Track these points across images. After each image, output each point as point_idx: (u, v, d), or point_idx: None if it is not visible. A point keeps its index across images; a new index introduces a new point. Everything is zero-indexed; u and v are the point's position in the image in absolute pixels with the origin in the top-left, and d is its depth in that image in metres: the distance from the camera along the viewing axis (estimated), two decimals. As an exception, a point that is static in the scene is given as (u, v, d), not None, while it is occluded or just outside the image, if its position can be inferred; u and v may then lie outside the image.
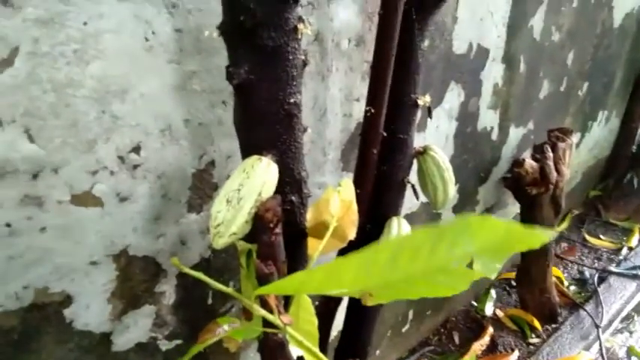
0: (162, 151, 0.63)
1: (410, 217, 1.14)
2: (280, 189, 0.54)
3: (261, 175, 0.50)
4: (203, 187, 0.70)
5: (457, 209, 1.31)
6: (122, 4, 0.54)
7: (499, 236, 0.22)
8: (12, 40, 0.48)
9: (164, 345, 0.75)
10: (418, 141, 1.03)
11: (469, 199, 1.35)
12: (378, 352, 1.28)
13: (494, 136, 1.31)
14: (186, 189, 0.68)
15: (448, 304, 1.52)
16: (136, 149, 0.61)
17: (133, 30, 0.55)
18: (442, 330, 1.51)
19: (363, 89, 0.87)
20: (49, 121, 0.53)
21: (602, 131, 1.97)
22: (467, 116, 1.16)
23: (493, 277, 0.21)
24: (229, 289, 0.47)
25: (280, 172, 0.54)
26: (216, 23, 0.51)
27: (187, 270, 0.46)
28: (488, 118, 1.24)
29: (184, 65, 0.61)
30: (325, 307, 0.83)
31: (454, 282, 0.24)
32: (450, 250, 0.23)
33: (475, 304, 1.60)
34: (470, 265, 0.26)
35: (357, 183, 0.74)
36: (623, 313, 1.64)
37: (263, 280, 0.50)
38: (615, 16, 1.58)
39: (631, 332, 1.57)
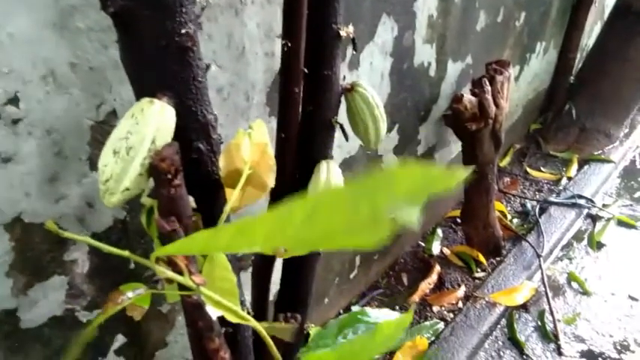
0: (48, 101, 0.55)
1: (349, 161, 1.09)
2: (184, 136, 0.48)
3: (153, 121, 0.43)
4: (105, 140, 0.62)
5: (398, 150, 1.28)
6: None
7: (417, 180, 0.20)
8: None
9: (84, 316, 0.69)
10: (352, 79, 0.98)
11: (410, 140, 1.32)
12: (326, 300, 1.27)
13: (432, 72, 1.27)
14: (85, 144, 0.61)
15: (396, 247, 1.51)
16: (13, 100, 0.52)
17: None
18: (391, 272, 1.51)
19: (284, 24, 0.79)
20: None
21: (540, 63, 1.97)
22: (402, 52, 1.11)
23: (415, 221, 0.19)
24: (125, 253, 0.41)
25: (181, 117, 0.47)
26: None
27: (69, 234, 0.40)
28: (424, 53, 1.19)
29: (61, -1, 0.52)
30: (261, 262, 0.78)
31: (374, 233, 0.21)
32: (370, 205, 0.21)
33: (422, 244, 1.61)
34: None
35: (281, 126, 0.68)
36: (564, 242, 1.69)
37: (166, 239, 0.44)
38: (550, -58, 1.54)
39: (570, 259, 1.62)
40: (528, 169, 2.00)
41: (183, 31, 0.45)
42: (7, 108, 0.52)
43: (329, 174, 0.70)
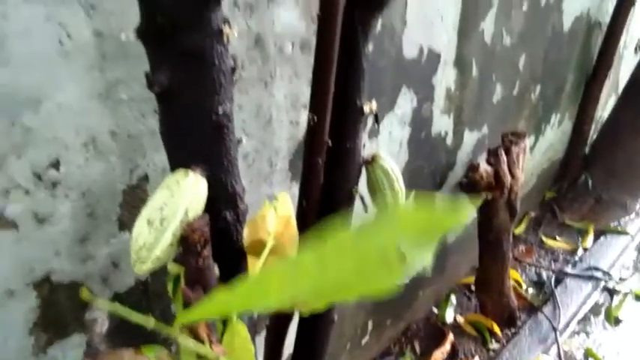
0: (86, 166, 0.58)
1: (365, 226, 1.10)
2: (213, 206, 0.50)
3: (187, 193, 0.46)
4: (136, 203, 0.65)
5: (414, 216, 1.29)
6: (29, 5, 0.48)
7: (424, 223, 0.22)
8: None
9: (98, 375, 0.69)
10: (371, 148, 1.01)
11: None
12: (337, 365, 1.25)
13: (449, 140, 1.30)
14: (117, 206, 0.63)
15: (408, 313, 1.49)
16: (55, 165, 0.55)
17: (44, 33, 0.50)
18: (403, 339, 1.48)
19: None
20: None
21: (555, 134, 2.00)
22: (420, 121, 1.14)
23: (427, 264, 0.20)
24: (151, 322, 0.42)
25: (212, 188, 0.49)
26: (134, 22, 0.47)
27: (102, 302, 0.41)
28: (442, 123, 1.23)
29: (108, 72, 0.56)
30: (275, 325, 0.79)
31: (386, 278, 0.22)
32: (380, 247, 0.22)
33: (436, 311, 1.59)
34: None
35: (303, 194, 0.70)
36: (580, 315, 1.65)
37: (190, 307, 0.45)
38: (565, 20, 1.60)
39: (588, 334, 1.58)
40: (544, 238, 1.99)
41: (220, 110, 0.48)
42: (48, 172, 0.55)
43: (348, 243, 0.72)
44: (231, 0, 0.66)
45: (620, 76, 2.32)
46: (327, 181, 0.72)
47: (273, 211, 0.53)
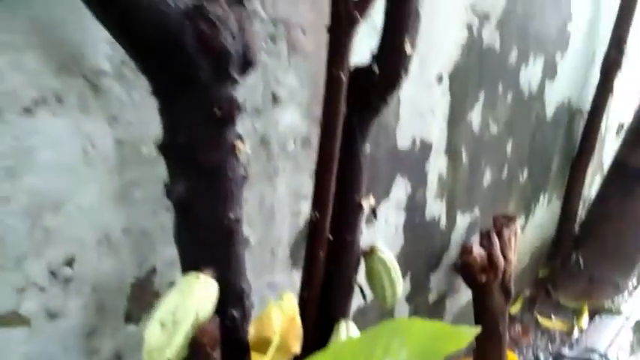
0: (99, 262, 0.61)
1: (362, 312, 1.12)
2: (221, 304, 0.52)
3: (198, 295, 0.48)
4: (143, 295, 0.67)
5: (410, 298, 1.30)
6: (59, 119, 0.53)
7: (428, 337, 0.24)
8: (-63, 160, 0.46)
9: None
10: (368, 234, 1.04)
11: (421, 288, 1.35)
12: None
13: (442, 224, 1.34)
14: (125, 299, 0.65)
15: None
16: (70, 262, 0.58)
17: (71, 144, 0.55)
18: None
19: (311, 186, 0.88)
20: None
21: (545, 213, 2.05)
22: (415, 207, 1.19)
23: None
24: None
25: (220, 288, 0.52)
26: (158, 133, 0.51)
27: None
28: (435, 208, 1.27)
29: (125, 175, 0.61)
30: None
31: None
32: (384, 355, 0.25)
33: (434, 394, 1.56)
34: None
35: (305, 284, 0.73)
36: (580, 399, 1.62)
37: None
38: (547, 109, 1.70)
39: (589, 418, 1.55)
40: (539, 318, 1.99)
41: (231, 215, 0.52)
42: (63, 269, 0.58)
43: (348, 333, 0.74)
44: (240, 105, 0.72)
45: (603, 157, 2.42)
46: (328, 272, 0.75)
47: (278, 310, 0.55)
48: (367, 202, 0.74)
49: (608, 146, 2.40)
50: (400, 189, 1.11)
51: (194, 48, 0.43)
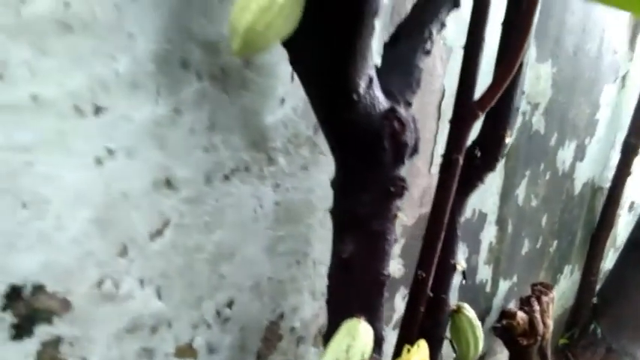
0: (249, 305, 0.71)
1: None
2: (367, 348, 0.62)
3: (363, 337, 0.59)
4: (271, 337, 0.77)
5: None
6: (245, 185, 0.65)
7: None
8: (166, 214, 0.57)
9: None
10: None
11: (465, 348, 1.43)
12: None
13: (488, 288, 1.44)
14: (259, 340, 0.75)
15: None
16: (230, 304, 0.68)
17: (247, 205, 0.66)
18: None
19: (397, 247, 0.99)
20: (175, 281, 0.60)
21: (567, 283, 2.15)
22: (468, 271, 1.29)
23: None
24: None
25: (369, 333, 0.62)
26: (305, 198, 0.63)
27: None
28: (484, 273, 1.38)
29: (277, 231, 0.72)
30: None
31: None
32: None
33: None
34: None
35: (402, 339, 0.82)
36: None
37: None
38: (576, 186, 1.85)
39: None
40: (561, 385, 2.04)
41: (385, 272, 0.63)
42: (225, 310, 0.68)
43: (440, 384, 0.82)
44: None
45: (617, 231, 2.54)
46: (421, 327, 0.85)
47: (414, 357, 0.65)
48: (460, 266, 0.85)
49: (621, 221, 2.54)
50: (460, 254, 1.23)
51: (388, 141, 0.55)
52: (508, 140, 0.80)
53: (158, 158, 0.54)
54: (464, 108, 0.72)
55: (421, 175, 1.01)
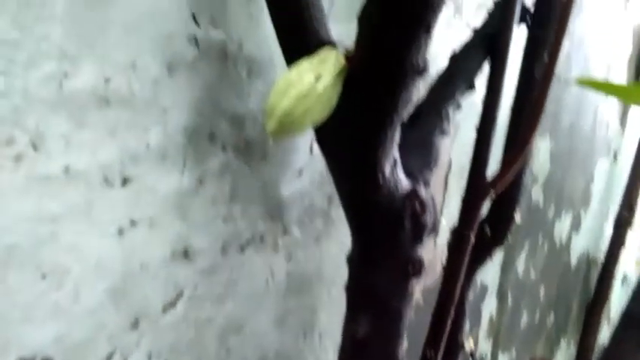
0: (254, 381, 0.68)
1: None
2: None
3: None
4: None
5: None
6: (258, 256, 0.64)
7: None
8: (181, 285, 0.56)
9: None
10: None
11: None
12: None
13: (487, 362, 1.41)
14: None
15: None
16: (235, 379, 0.66)
17: (260, 275, 0.65)
18: None
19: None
20: (183, 356, 0.58)
21: (564, 356, 2.11)
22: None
23: None
24: None
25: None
26: (316, 269, 0.62)
27: None
28: (484, 346, 1.35)
29: (286, 303, 0.70)
30: None
31: None
32: None
33: None
34: None
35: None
36: None
37: None
38: (572, 257, 1.85)
39: None
40: None
41: (399, 353, 0.61)
42: (230, 385, 0.65)
43: None
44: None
45: (610, 304, 2.53)
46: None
47: None
48: (468, 344, 0.84)
49: (615, 293, 2.53)
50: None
51: (408, 222, 0.56)
52: (517, 219, 0.81)
53: (178, 228, 0.54)
54: (477, 187, 0.73)
55: (426, 247, 1.01)
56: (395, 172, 0.53)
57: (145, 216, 0.50)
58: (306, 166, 0.67)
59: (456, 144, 0.99)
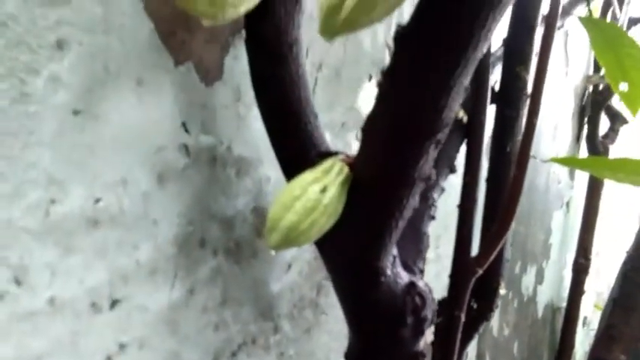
0: None
1: None
2: None
3: None
4: None
5: None
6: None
7: None
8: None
9: None
10: None
11: None
12: None
13: None
14: None
15: None
16: None
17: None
18: None
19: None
20: None
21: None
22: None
23: None
24: None
25: None
26: None
27: None
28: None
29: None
30: None
31: None
32: None
33: None
34: None
35: None
36: None
37: None
38: (539, 309, 1.88)
39: None
40: None
41: None
42: None
43: None
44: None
45: (575, 349, 2.57)
46: None
47: None
48: None
49: (577, 337, 2.58)
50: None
51: (409, 317, 0.54)
52: (502, 291, 0.81)
53: (169, 345, 0.50)
54: (463, 266, 0.73)
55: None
56: (394, 269, 0.52)
57: (134, 337, 0.46)
58: (294, 259, 0.65)
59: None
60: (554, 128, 1.68)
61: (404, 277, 0.54)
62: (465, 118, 0.68)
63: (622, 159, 0.55)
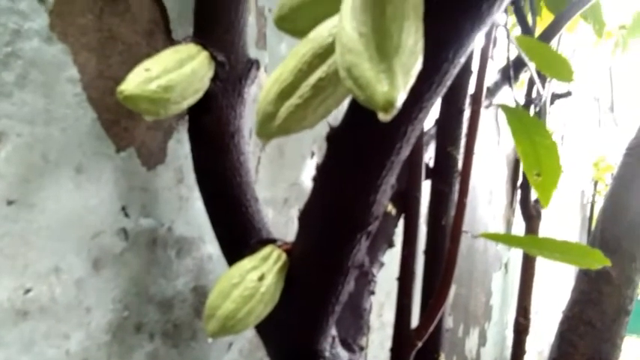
0: None
1: None
2: None
3: None
4: None
5: None
6: None
7: None
8: None
9: None
10: None
11: None
12: None
13: None
14: None
15: None
16: None
17: None
18: None
19: None
20: None
21: None
22: None
23: None
24: None
25: None
26: None
27: None
28: None
29: None
30: None
31: None
32: None
33: None
34: None
35: None
36: None
37: None
38: (482, 372, 1.90)
39: None
40: None
41: None
42: None
43: None
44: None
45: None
46: None
47: None
48: None
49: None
50: None
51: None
52: (449, 325, 0.82)
53: None
54: (403, 339, 0.75)
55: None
56: (333, 349, 0.52)
57: None
58: (235, 338, 0.64)
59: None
60: (489, 193, 1.77)
61: (343, 357, 0.55)
62: (394, 212, 0.72)
63: (546, 239, 0.59)
